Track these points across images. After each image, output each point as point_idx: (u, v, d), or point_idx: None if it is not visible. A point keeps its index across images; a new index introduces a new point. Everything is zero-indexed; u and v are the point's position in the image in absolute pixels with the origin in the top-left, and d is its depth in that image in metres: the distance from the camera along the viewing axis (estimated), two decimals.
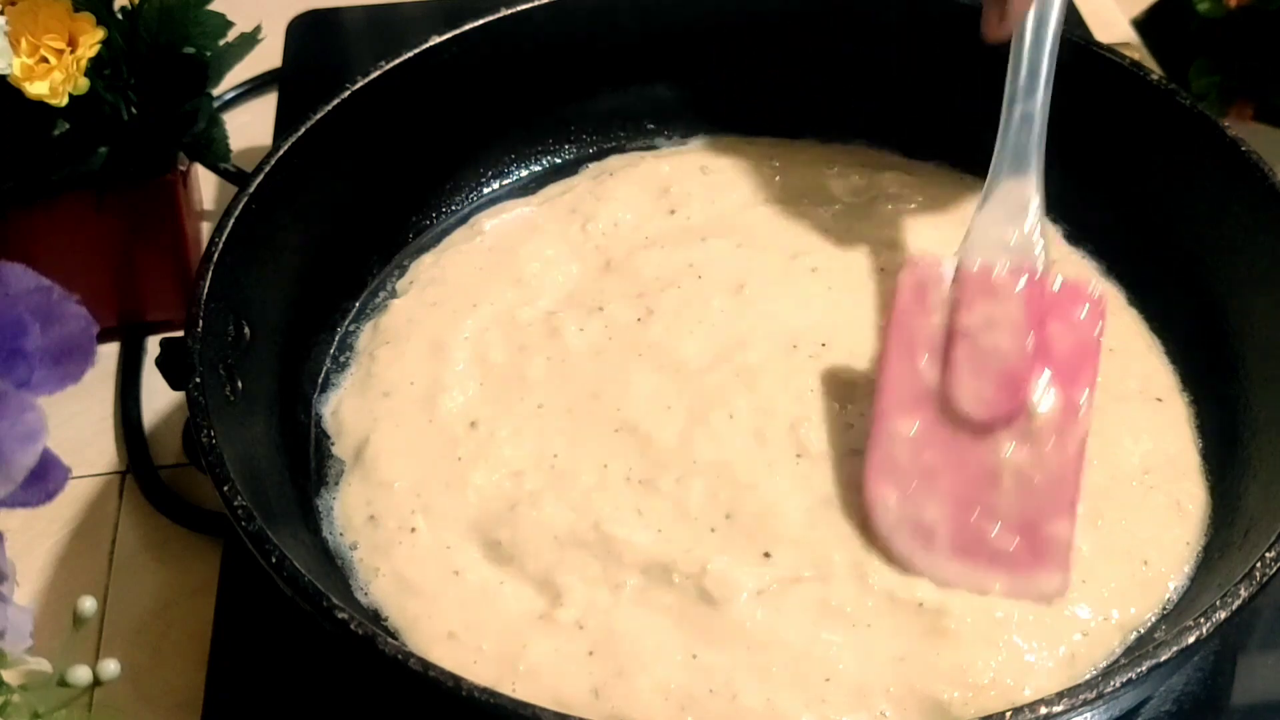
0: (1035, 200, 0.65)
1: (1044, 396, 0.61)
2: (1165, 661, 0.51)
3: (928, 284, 0.64)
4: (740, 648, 0.59)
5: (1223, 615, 0.53)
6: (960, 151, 0.82)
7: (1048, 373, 0.61)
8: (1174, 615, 0.61)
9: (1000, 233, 0.65)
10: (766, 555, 0.62)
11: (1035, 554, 0.60)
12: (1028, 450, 0.60)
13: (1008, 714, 0.50)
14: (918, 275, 0.65)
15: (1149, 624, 0.61)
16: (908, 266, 0.65)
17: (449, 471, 0.67)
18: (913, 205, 0.79)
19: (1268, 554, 0.55)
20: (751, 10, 0.83)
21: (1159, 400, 0.70)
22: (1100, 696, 0.50)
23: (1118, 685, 0.50)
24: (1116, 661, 0.60)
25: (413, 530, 0.65)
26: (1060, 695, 0.50)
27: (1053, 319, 0.62)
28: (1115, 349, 0.72)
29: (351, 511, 0.67)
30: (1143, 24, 1.04)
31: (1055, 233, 0.78)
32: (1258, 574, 0.54)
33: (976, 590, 0.59)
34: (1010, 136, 0.67)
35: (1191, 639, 0.52)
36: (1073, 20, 1.02)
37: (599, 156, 0.85)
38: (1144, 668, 0.51)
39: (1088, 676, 0.56)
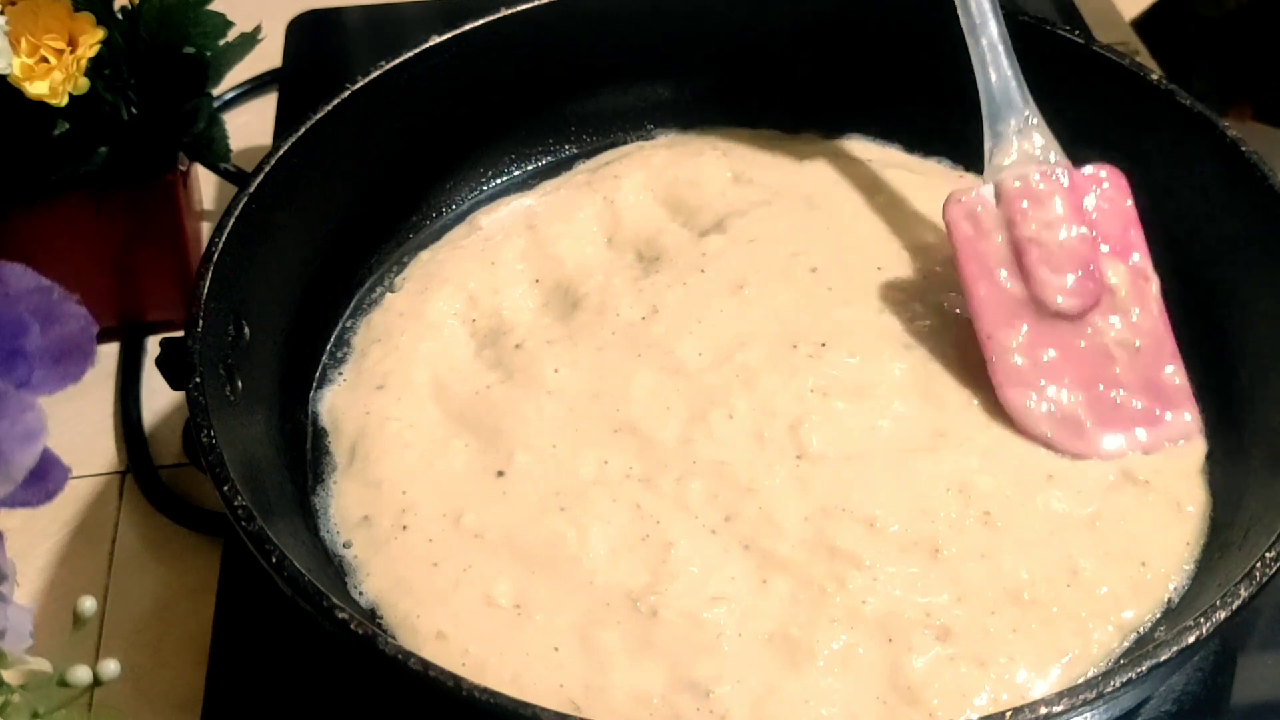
0: (1030, 107, 0.72)
1: (1114, 271, 0.69)
2: (1165, 661, 0.51)
3: (976, 212, 0.70)
4: (730, 666, 0.59)
5: (1223, 615, 0.53)
6: (962, 149, 0.82)
7: (1107, 250, 0.69)
8: (1174, 615, 0.61)
9: (1018, 147, 0.71)
10: (764, 582, 0.62)
11: (1164, 403, 0.68)
12: (1122, 321, 0.69)
13: (1008, 714, 0.50)
14: (965, 207, 0.71)
15: (1149, 624, 0.61)
16: (951, 202, 0.71)
17: (443, 468, 0.67)
18: (914, 203, 0.79)
19: (1268, 554, 0.55)
20: (752, 9, 0.83)
21: None
22: (1100, 696, 0.50)
23: (1118, 685, 0.50)
24: (1116, 662, 0.60)
25: (404, 528, 0.65)
26: (1060, 695, 0.50)
27: (1087, 203, 0.70)
28: None
29: (347, 509, 0.67)
30: (1143, 24, 1.04)
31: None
32: (1258, 574, 0.54)
33: (1135, 450, 0.67)
34: (985, 63, 0.72)
35: (1191, 639, 0.52)
36: (1073, 20, 1.02)
37: (598, 155, 0.85)
38: (1144, 668, 0.51)
39: (1088, 676, 0.56)
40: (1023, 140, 0.71)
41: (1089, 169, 0.71)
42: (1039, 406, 0.67)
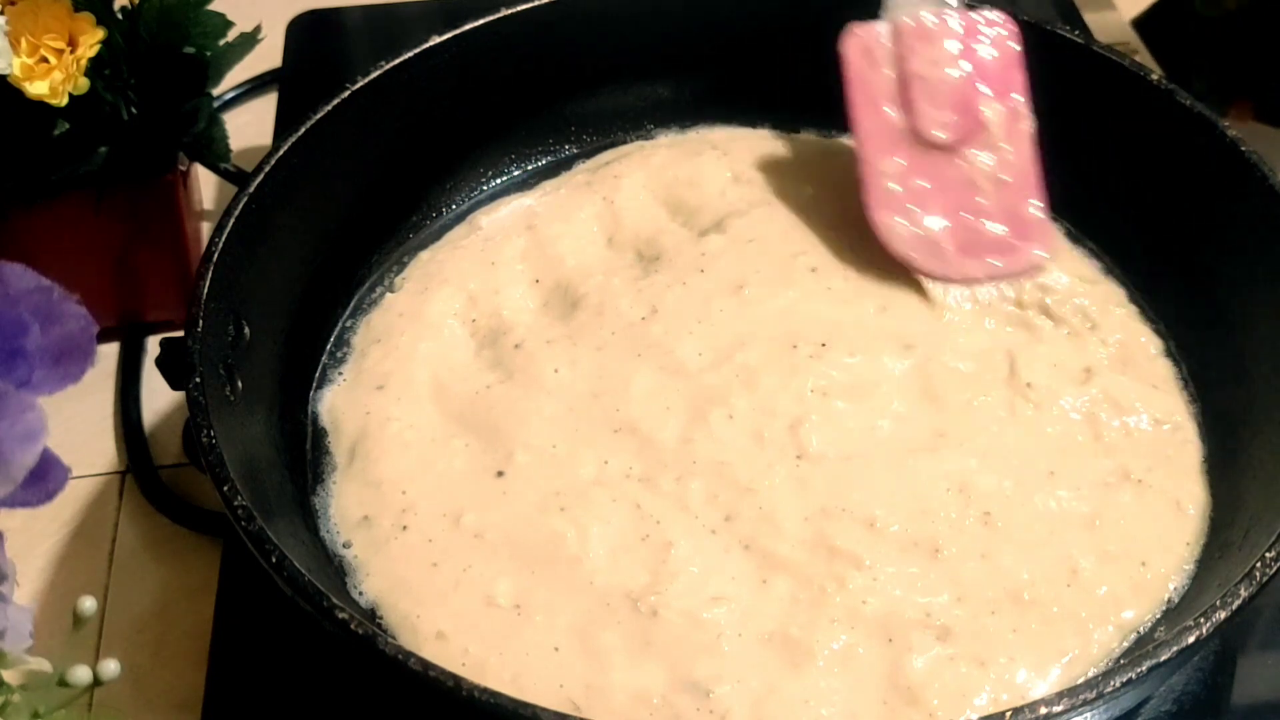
0: None
1: (991, 108, 0.73)
2: (1165, 661, 0.51)
3: (871, 46, 0.74)
4: (730, 666, 0.59)
5: (1223, 615, 0.53)
6: None
7: (988, 89, 0.73)
8: (1174, 615, 0.61)
9: None
10: (764, 582, 0.62)
11: (1022, 234, 0.73)
12: (994, 156, 0.73)
13: (1008, 714, 0.50)
14: (862, 41, 0.74)
15: (1149, 624, 0.61)
16: (849, 35, 0.74)
17: (443, 468, 0.67)
18: None
19: (1268, 554, 0.55)
20: (751, 9, 0.83)
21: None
22: (1100, 696, 0.50)
23: (1118, 685, 0.50)
24: (1116, 662, 0.60)
25: (405, 528, 0.65)
26: (1060, 695, 0.50)
27: (976, 45, 0.74)
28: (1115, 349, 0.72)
29: (346, 509, 0.67)
30: (1143, 24, 1.04)
31: (1056, 231, 0.78)
32: (1258, 574, 0.54)
33: (984, 278, 0.72)
34: None
35: (1191, 639, 0.52)
36: (1073, 20, 1.02)
37: (598, 155, 0.85)
38: (1144, 668, 0.51)
39: (1088, 676, 0.56)
40: None
41: (980, 13, 0.75)
42: (905, 230, 0.72)
